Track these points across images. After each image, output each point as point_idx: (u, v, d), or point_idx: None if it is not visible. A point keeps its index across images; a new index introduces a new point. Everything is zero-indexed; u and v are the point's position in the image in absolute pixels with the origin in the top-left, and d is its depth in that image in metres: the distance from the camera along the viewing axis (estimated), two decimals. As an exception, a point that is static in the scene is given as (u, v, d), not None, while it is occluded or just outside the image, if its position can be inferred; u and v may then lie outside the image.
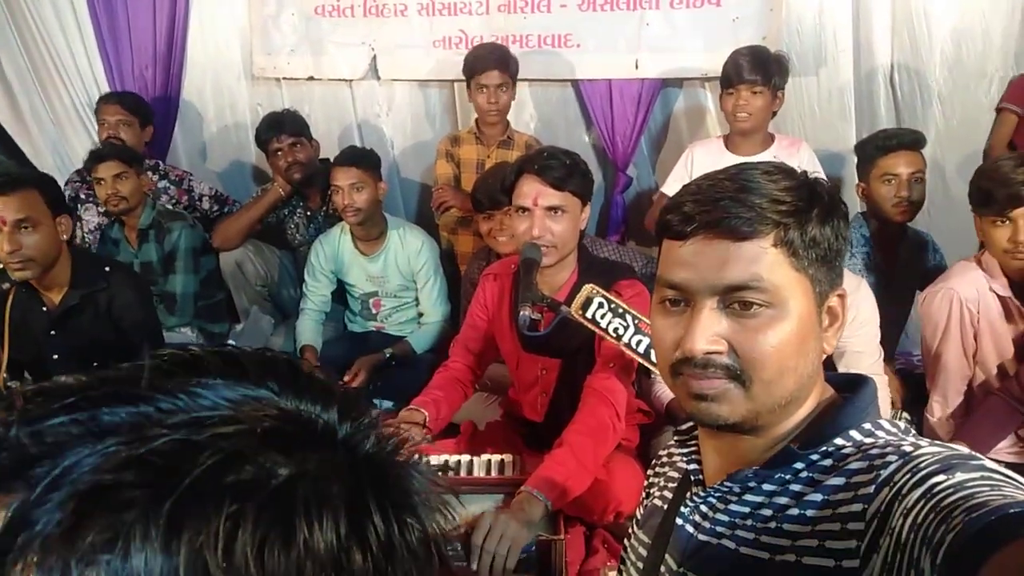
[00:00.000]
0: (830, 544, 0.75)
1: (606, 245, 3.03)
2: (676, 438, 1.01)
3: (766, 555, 0.80)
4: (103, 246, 3.23)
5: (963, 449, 0.73)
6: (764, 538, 0.81)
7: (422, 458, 0.49)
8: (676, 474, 1.01)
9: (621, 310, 1.71)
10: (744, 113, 2.82)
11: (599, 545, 1.94)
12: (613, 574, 1.36)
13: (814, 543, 0.76)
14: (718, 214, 0.81)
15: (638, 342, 1.70)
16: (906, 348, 3.01)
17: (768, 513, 0.82)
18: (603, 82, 3.40)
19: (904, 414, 2.51)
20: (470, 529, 1.53)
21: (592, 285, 1.74)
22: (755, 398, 0.81)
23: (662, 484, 1.03)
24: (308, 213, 3.40)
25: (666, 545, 0.93)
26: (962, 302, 2.21)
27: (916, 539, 0.64)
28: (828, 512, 0.77)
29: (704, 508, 0.89)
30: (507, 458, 1.96)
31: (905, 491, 0.69)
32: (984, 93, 3.16)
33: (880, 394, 0.95)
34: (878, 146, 2.61)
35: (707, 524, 0.87)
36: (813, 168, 2.50)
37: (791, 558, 0.77)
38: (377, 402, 2.81)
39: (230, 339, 3.32)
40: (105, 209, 3.15)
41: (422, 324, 3.14)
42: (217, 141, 3.91)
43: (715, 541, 0.85)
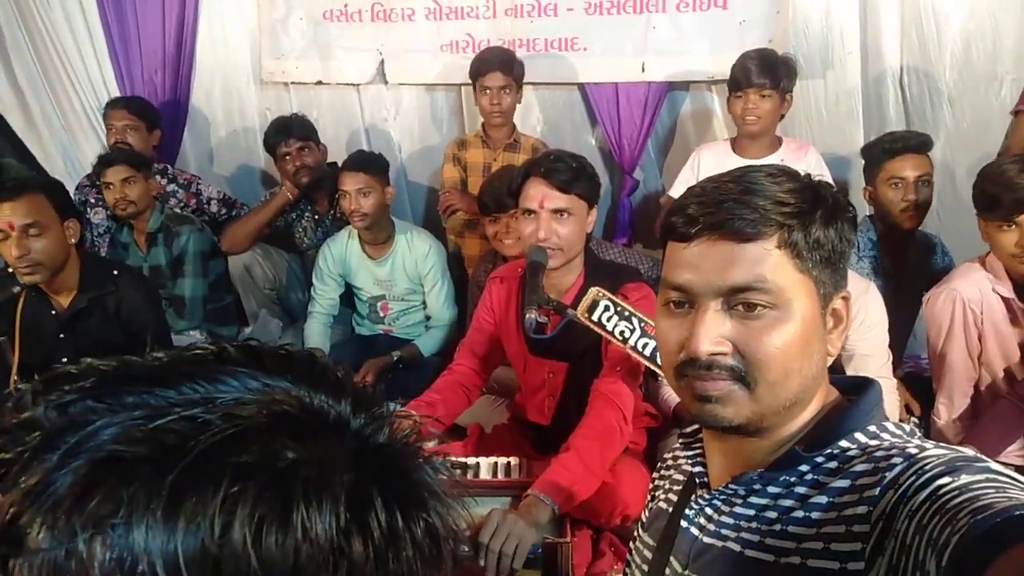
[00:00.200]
0: (835, 546, 0.75)
1: (612, 248, 3.02)
2: (681, 441, 1.00)
3: (771, 557, 0.80)
4: (112, 250, 3.25)
5: (968, 451, 0.73)
6: (769, 540, 0.80)
7: (437, 455, 0.50)
8: (681, 476, 1.01)
9: (627, 313, 1.71)
10: (753, 116, 2.81)
11: (606, 548, 1.94)
12: (619, 577, 1.36)
13: (819, 545, 0.76)
14: (722, 216, 0.81)
15: (644, 345, 1.70)
16: (914, 351, 2.99)
17: (773, 515, 0.82)
18: (610, 85, 3.39)
19: (913, 419, 2.49)
20: (477, 529, 1.53)
21: (598, 288, 1.74)
22: (760, 400, 0.81)
23: (667, 487, 1.03)
24: (316, 217, 3.41)
25: (671, 547, 0.92)
26: (965, 303, 2.20)
27: (921, 541, 0.64)
28: (833, 514, 0.77)
29: (709, 510, 0.88)
30: (514, 461, 1.96)
31: (910, 493, 0.69)
32: (995, 95, 3.12)
33: (888, 398, 0.95)
34: (884, 149, 2.59)
35: (712, 526, 0.87)
36: (820, 171, 2.50)
37: (796, 560, 0.77)
38: (384, 405, 2.82)
39: (238, 342, 3.33)
40: (113, 212, 3.17)
41: (429, 327, 3.15)
42: (225, 145, 3.93)
43: (720, 543, 0.85)
